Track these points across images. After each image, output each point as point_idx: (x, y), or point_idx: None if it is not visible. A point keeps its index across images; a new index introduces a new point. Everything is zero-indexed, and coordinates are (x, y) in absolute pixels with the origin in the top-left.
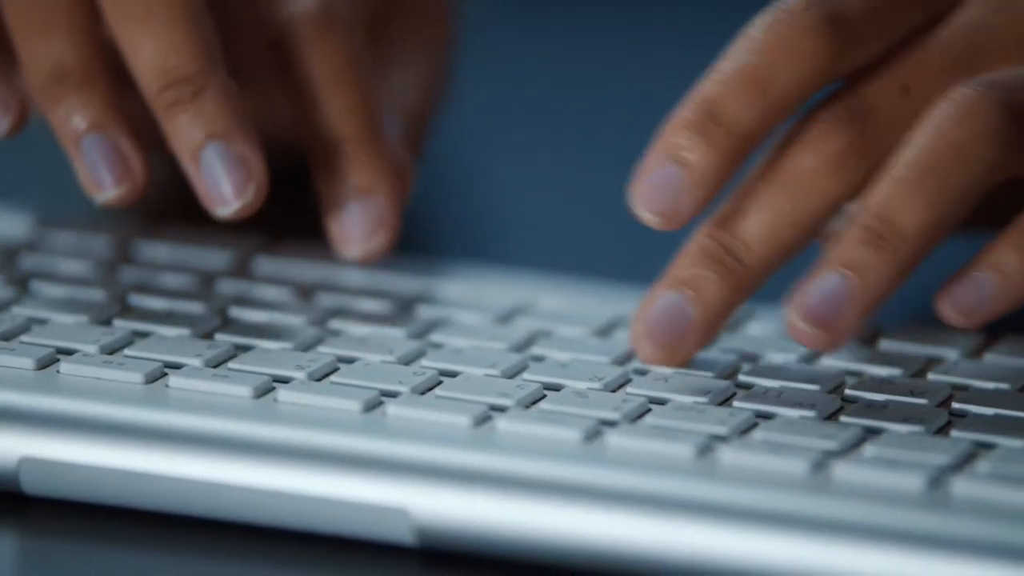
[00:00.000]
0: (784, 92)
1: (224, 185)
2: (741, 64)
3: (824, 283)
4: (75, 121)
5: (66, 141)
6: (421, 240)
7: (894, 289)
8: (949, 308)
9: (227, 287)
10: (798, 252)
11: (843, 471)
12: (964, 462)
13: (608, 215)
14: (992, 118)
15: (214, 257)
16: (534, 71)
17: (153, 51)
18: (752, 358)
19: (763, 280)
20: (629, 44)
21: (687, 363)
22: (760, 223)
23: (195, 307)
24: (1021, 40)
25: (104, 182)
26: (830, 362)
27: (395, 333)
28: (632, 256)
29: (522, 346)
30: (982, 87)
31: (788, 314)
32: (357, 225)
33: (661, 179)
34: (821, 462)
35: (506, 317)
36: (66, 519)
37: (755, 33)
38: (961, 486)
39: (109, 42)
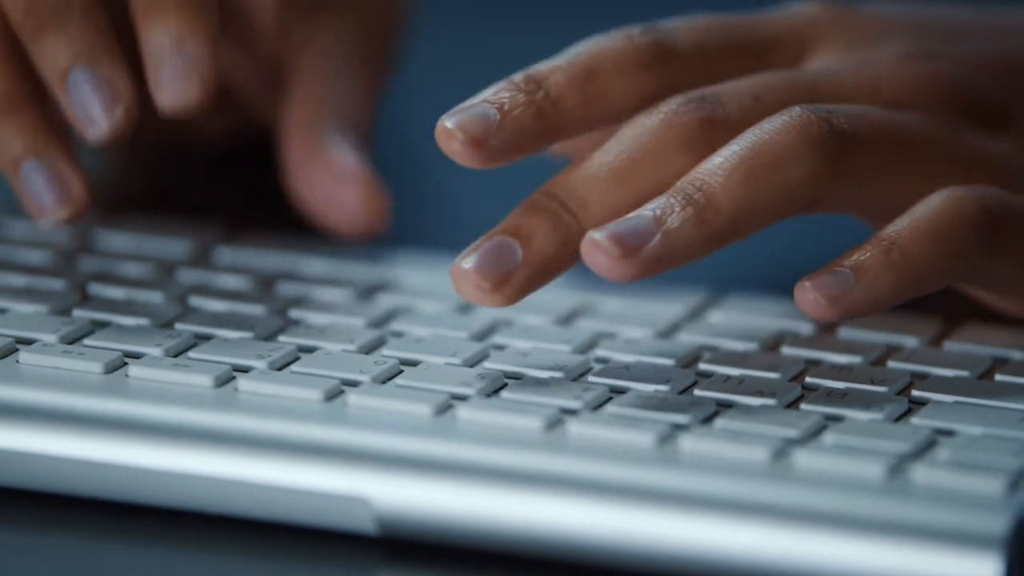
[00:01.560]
0: (608, 91)
1: (92, 107)
2: (575, 55)
3: (634, 219)
4: (11, 148)
5: (4, 166)
6: (393, 231)
7: (697, 253)
8: (811, 292)
9: (187, 276)
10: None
11: (804, 459)
12: (924, 449)
13: None
14: (816, 131)
15: (174, 246)
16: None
17: None
18: (713, 347)
19: None
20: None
21: (509, 303)
22: (600, 186)
23: (155, 296)
24: (861, 89)
25: (46, 206)
26: (791, 350)
27: (355, 322)
28: None
29: (483, 335)
30: (816, 109)
31: (588, 234)
32: (169, 71)
33: (475, 110)
34: (782, 450)
35: (467, 306)
36: (26, 509)
37: (590, 45)
38: (921, 473)
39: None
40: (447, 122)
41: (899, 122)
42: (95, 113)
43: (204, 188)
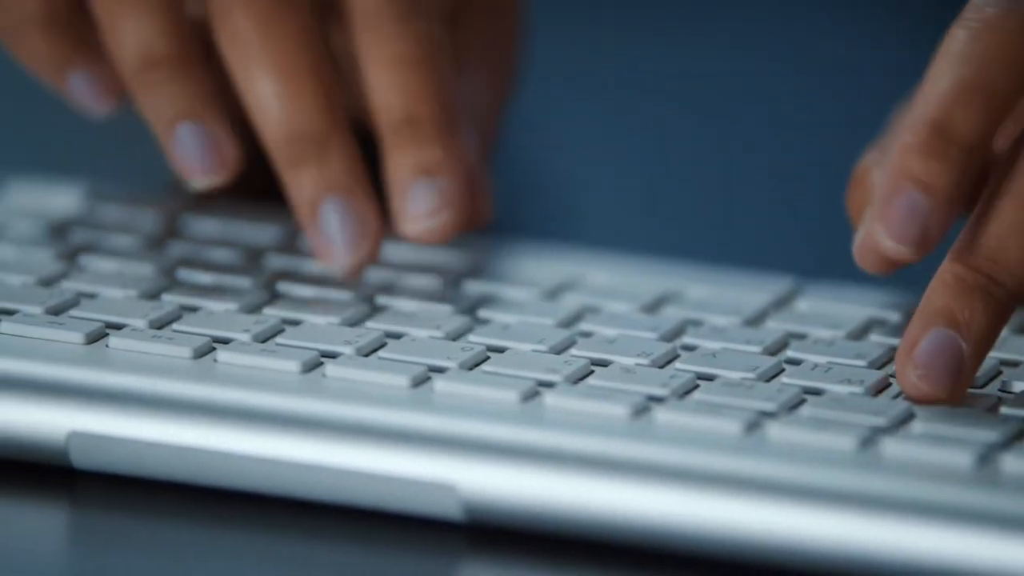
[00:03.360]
0: (1004, 95)
1: (338, 239)
2: (956, 76)
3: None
4: (169, 109)
5: (159, 128)
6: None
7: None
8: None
9: (275, 262)
10: None
11: (891, 447)
12: (1013, 439)
13: (656, 190)
14: None
15: (262, 232)
16: (579, 47)
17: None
18: (800, 334)
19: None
20: (679, 26)
21: (958, 398)
22: (1015, 242)
23: (243, 282)
24: None
25: (200, 169)
26: (878, 338)
27: (443, 309)
28: (680, 231)
29: (570, 322)
30: None
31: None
32: (419, 203)
33: (905, 207)
34: (869, 438)
35: (554, 293)
36: (114, 493)
37: (960, 46)
38: (1010, 463)
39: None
40: (883, 242)
41: None
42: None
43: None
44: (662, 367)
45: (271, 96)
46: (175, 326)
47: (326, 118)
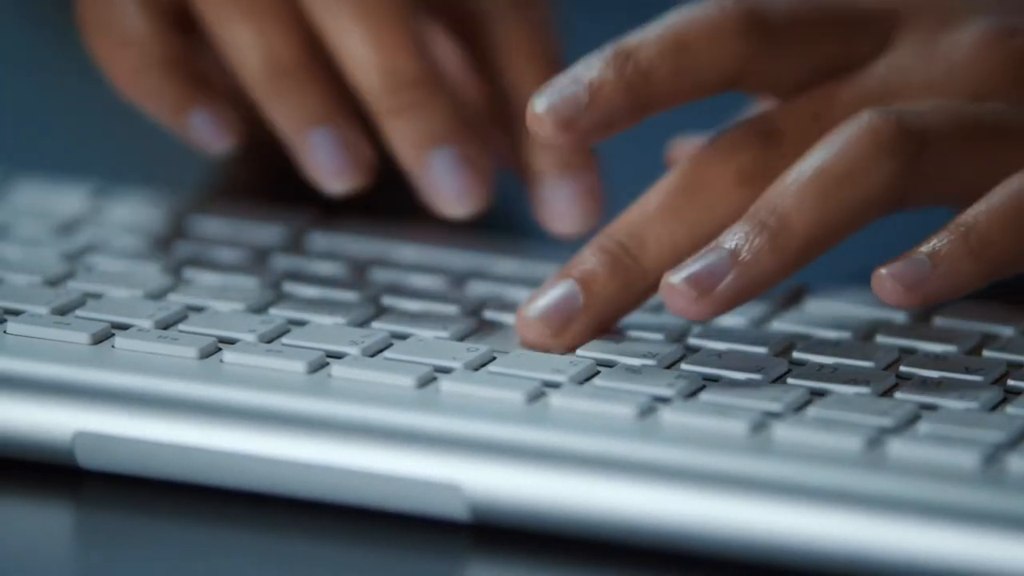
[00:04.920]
0: (701, 62)
1: (452, 186)
2: (665, 26)
3: (708, 257)
4: (301, 116)
5: (292, 135)
6: (483, 215)
7: (775, 280)
8: (889, 280)
9: (281, 262)
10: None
11: (898, 448)
12: (1020, 438)
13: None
14: (889, 135)
15: (268, 232)
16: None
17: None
18: (806, 335)
19: (655, 281)
20: None
21: (568, 349)
22: (660, 226)
23: (249, 282)
24: (931, 86)
25: (337, 173)
26: (885, 339)
27: (449, 309)
28: None
29: None
30: (884, 109)
31: (665, 277)
32: (566, 199)
33: (565, 91)
34: (876, 439)
35: None
36: (120, 493)
37: (681, 15)
38: (1017, 463)
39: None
40: (536, 106)
41: (972, 113)
42: (461, 192)
43: (298, 174)
44: (668, 367)
45: (364, 45)
46: (181, 326)
47: (422, 65)
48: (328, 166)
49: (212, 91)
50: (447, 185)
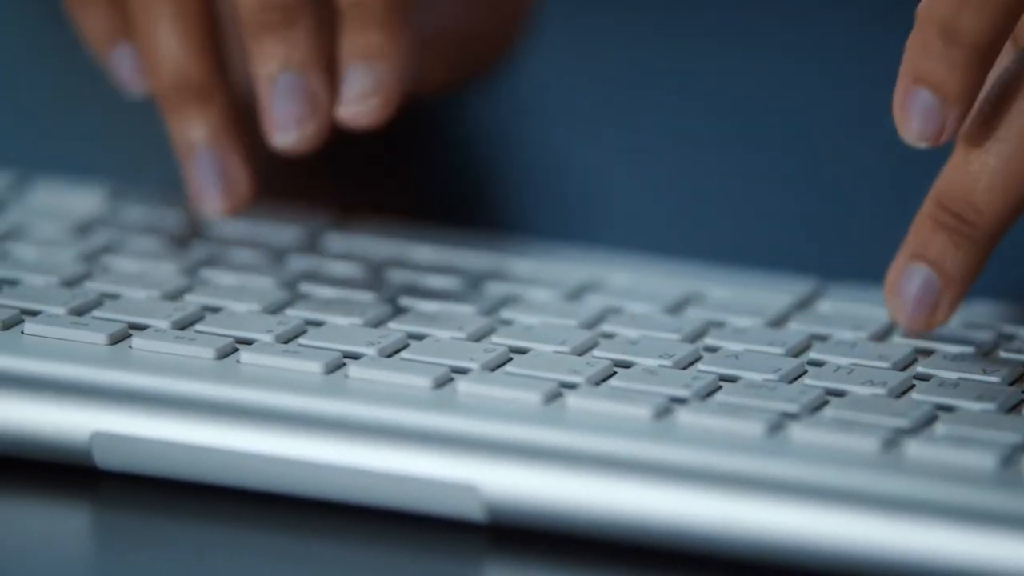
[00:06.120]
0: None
1: (289, 112)
2: None
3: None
4: (191, 134)
5: (181, 150)
6: (498, 216)
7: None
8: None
9: (298, 263)
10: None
11: (914, 449)
12: None
13: (679, 191)
14: None
15: (285, 233)
16: (602, 49)
17: None
18: (823, 336)
19: (1000, 235)
20: (705, 26)
21: (941, 324)
22: (989, 183)
23: (266, 282)
24: None
25: (211, 196)
26: (901, 340)
27: (465, 310)
28: (702, 233)
29: (592, 323)
30: None
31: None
32: (353, 86)
33: (919, 106)
34: (892, 440)
35: (576, 294)
36: (137, 494)
37: None
38: None
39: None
40: (905, 134)
41: None
42: (291, 121)
43: (312, 175)
44: (684, 368)
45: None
46: (198, 327)
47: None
48: (203, 189)
49: None
50: (281, 111)
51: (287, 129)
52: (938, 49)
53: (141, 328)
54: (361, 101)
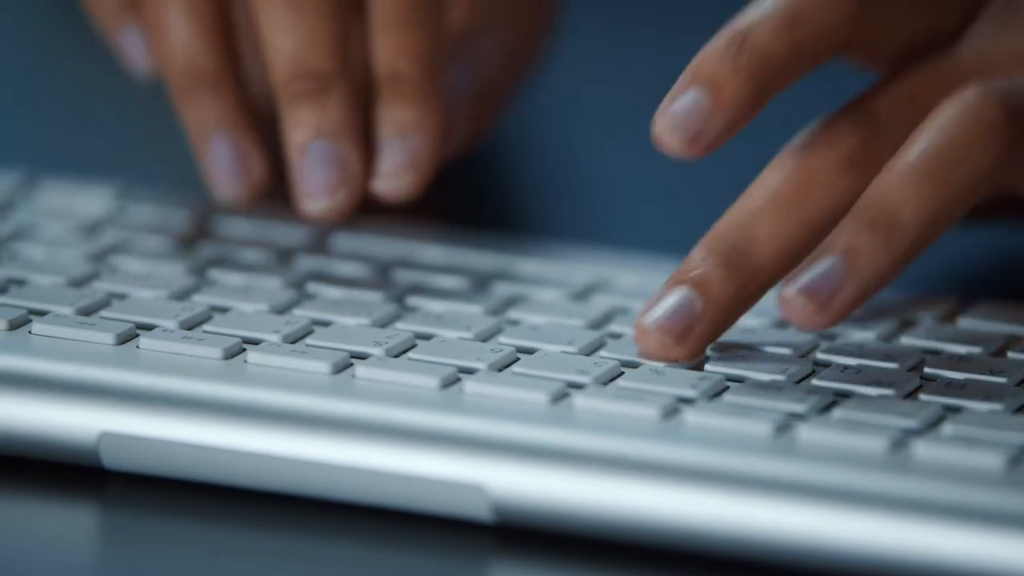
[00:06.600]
0: (815, 32)
1: (320, 180)
2: (774, 4)
3: (822, 264)
4: (206, 122)
5: (195, 137)
6: (506, 215)
7: (890, 278)
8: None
9: (305, 263)
10: (806, 252)
11: (922, 449)
12: None
13: (687, 191)
14: (993, 116)
15: (292, 233)
16: (611, 48)
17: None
18: (830, 336)
19: (773, 279)
20: (712, 25)
21: (693, 358)
22: (767, 223)
23: (273, 283)
24: (1019, 58)
25: (227, 181)
26: (909, 340)
27: (472, 310)
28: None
29: (599, 323)
30: (985, 88)
31: (781, 290)
32: (389, 160)
33: (684, 101)
34: (900, 440)
35: (583, 294)
36: (145, 494)
37: None
38: None
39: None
40: (659, 127)
41: None
42: (322, 189)
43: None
44: (692, 369)
45: (283, 31)
46: (205, 327)
47: (330, 56)
48: (221, 175)
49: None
50: (312, 178)
51: (318, 197)
52: (729, 54)
53: (148, 328)
54: (396, 176)
